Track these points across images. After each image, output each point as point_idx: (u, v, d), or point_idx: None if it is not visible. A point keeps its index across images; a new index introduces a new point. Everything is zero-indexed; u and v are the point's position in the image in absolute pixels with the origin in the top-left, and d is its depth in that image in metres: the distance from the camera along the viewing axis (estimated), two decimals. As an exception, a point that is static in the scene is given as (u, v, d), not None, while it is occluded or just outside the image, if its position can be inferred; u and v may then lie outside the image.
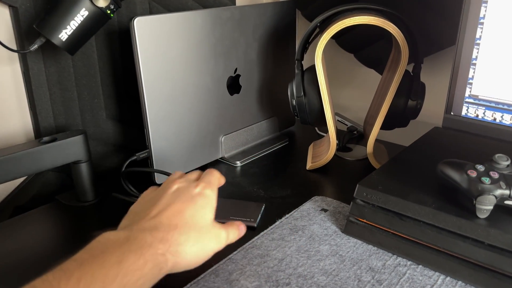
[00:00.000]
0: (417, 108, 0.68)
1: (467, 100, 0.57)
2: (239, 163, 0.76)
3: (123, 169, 0.64)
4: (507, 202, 0.44)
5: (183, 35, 0.65)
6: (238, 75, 0.76)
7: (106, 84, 0.70)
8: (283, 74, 0.85)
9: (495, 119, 0.55)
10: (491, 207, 0.44)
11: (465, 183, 0.46)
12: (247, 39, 0.75)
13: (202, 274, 0.47)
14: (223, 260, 0.49)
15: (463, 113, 0.57)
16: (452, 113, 0.58)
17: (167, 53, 0.63)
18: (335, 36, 0.66)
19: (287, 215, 0.58)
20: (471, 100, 0.56)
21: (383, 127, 0.68)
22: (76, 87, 0.67)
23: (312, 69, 0.68)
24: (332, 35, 0.62)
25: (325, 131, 0.78)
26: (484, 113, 0.56)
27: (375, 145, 0.69)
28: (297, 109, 0.69)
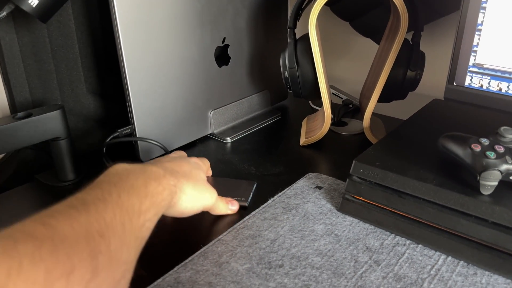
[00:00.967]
0: (416, 79, 0.66)
1: (471, 69, 0.54)
2: (229, 139, 0.74)
3: (104, 146, 0.61)
4: (513, 177, 0.43)
5: (166, 1, 0.61)
6: (226, 45, 0.73)
7: (85, 55, 0.66)
8: (275, 44, 0.82)
9: (501, 90, 0.53)
10: (496, 183, 0.42)
11: (468, 158, 0.44)
12: (235, 6, 0.71)
13: (190, 256, 0.45)
14: (212, 241, 0.48)
15: (467, 83, 0.55)
16: (454, 83, 0.56)
17: (149, 21, 0.60)
18: (330, 3, 0.64)
19: (279, 193, 0.57)
20: (475, 69, 0.54)
21: (380, 99, 0.66)
22: (52, 59, 0.64)
23: (305, 38, 0.65)
24: (326, 1, 0.59)
25: (319, 105, 0.77)
26: (489, 83, 0.53)
27: (371, 119, 0.68)
28: (289, 81, 0.67)
